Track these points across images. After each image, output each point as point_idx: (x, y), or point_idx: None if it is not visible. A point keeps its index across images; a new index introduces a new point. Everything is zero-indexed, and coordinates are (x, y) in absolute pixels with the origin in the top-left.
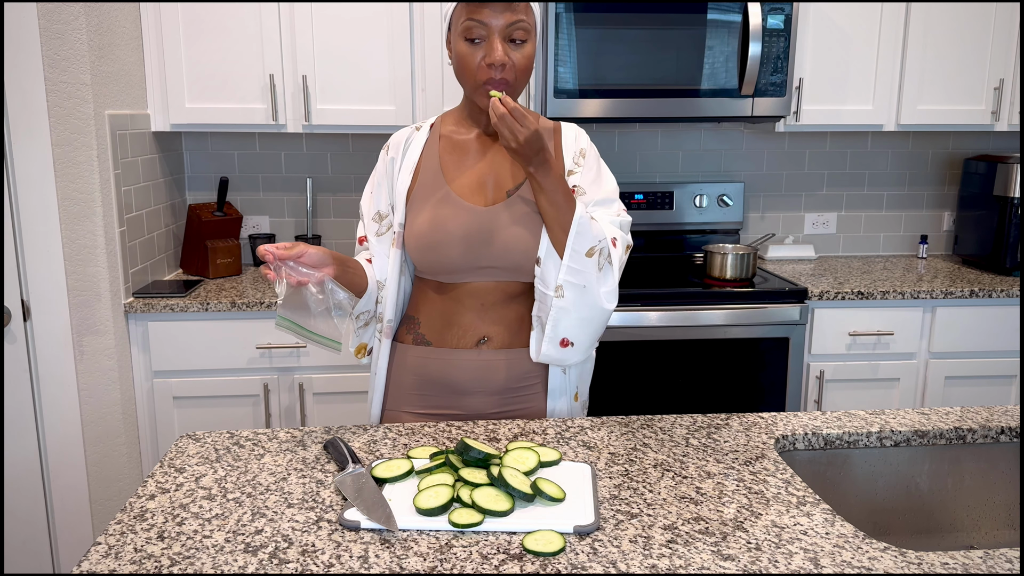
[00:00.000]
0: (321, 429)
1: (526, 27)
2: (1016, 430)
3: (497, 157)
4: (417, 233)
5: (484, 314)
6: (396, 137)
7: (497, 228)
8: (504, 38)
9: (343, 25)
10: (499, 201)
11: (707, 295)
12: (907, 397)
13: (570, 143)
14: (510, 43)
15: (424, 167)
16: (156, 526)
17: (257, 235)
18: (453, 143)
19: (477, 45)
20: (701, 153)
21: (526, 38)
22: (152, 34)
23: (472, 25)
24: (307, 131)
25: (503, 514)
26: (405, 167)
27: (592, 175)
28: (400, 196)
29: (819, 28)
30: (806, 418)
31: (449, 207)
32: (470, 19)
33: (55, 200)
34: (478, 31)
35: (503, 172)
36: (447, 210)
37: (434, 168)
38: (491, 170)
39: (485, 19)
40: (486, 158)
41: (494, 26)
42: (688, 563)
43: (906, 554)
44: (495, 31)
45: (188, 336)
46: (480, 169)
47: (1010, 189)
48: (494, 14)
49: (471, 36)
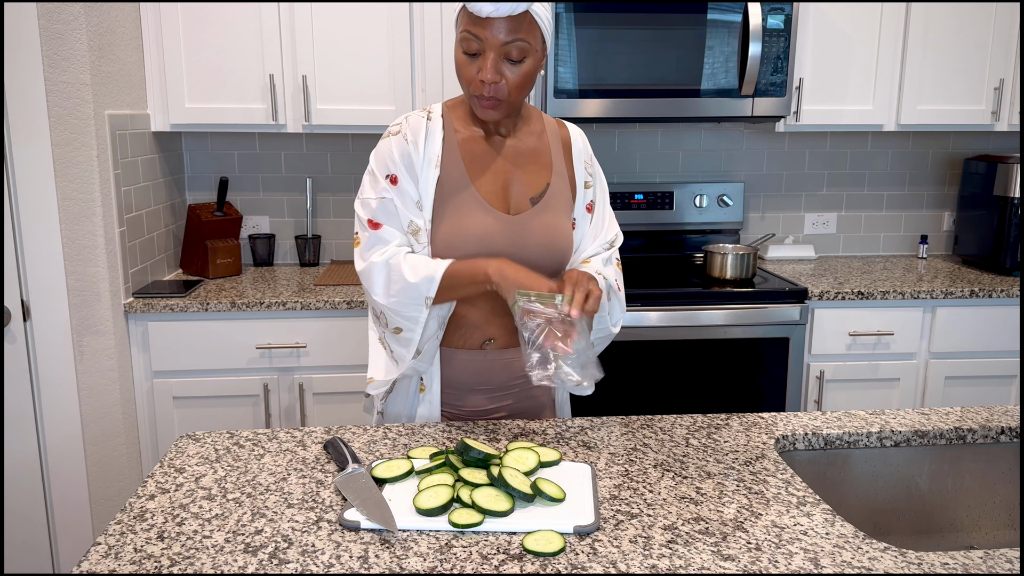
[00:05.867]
0: (321, 429)
1: (524, 47)
2: (1016, 430)
3: (517, 160)
4: (443, 237)
5: (491, 316)
6: (412, 124)
7: (525, 238)
8: (501, 55)
9: (343, 25)
10: (524, 209)
11: (707, 295)
12: (907, 397)
13: (580, 150)
14: (506, 61)
15: (447, 164)
16: (156, 526)
17: (257, 235)
18: (469, 140)
19: (474, 58)
20: (701, 153)
21: (523, 57)
22: (152, 34)
23: (468, 38)
24: (307, 131)
25: (503, 514)
26: (428, 159)
27: (602, 186)
28: (428, 192)
29: (819, 28)
30: (806, 418)
31: (477, 212)
32: (467, 31)
33: (55, 200)
34: (475, 45)
35: (525, 178)
36: (476, 215)
37: (458, 167)
38: (512, 175)
39: (483, 34)
40: (506, 161)
41: (491, 42)
42: (688, 563)
43: (906, 554)
44: (491, 47)
45: (188, 336)
46: (502, 173)
47: (1010, 189)
48: (493, 30)
49: (468, 50)
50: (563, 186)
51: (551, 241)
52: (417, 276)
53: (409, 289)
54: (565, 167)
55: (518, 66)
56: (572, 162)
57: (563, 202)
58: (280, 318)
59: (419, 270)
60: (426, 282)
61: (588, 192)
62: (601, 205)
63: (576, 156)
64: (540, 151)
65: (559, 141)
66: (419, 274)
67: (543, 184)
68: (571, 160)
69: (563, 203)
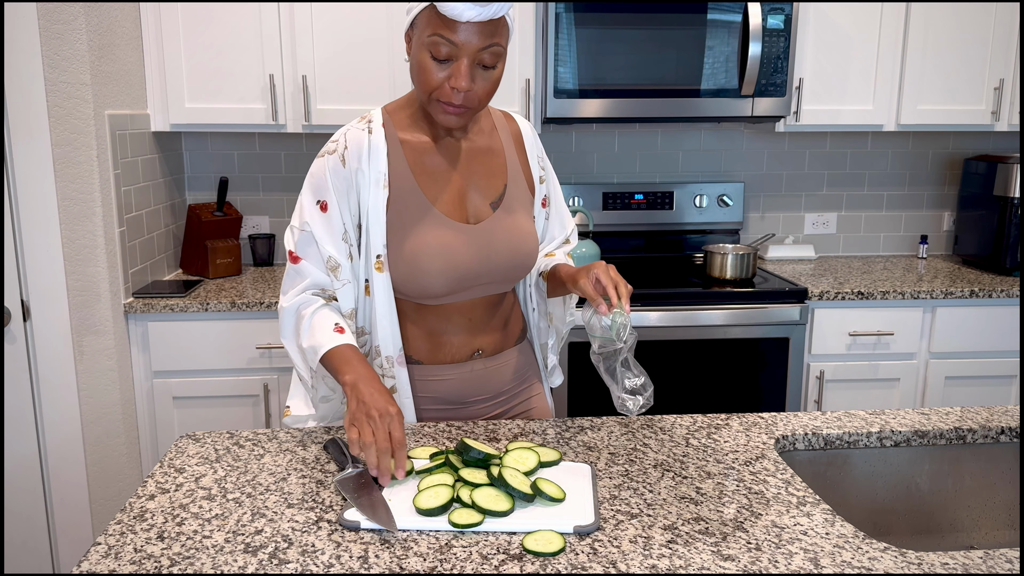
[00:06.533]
0: (321, 429)
1: (498, 51)
2: (1016, 430)
3: (471, 164)
4: (404, 258)
5: (473, 328)
6: (352, 141)
7: (490, 247)
8: (474, 62)
9: (343, 25)
10: (485, 216)
11: (707, 295)
12: (907, 397)
13: (531, 143)
14: (479, 67)
15: (395, 180)
16: (156, 526)
17: (257, 235)
18: (417, 150)
19: (443, 64)
20: (701, 153)
21: (496, 62)
22: (152, 34)
23: (439, 42)
24: (307, 131)
25: (503, 514)
26: (373, 179)
27: (553, 178)
28: (377, 214)
29: (819, 28)
30: (806, 418)
31: (437, 228)
32: (438, 35)
33: (55, 200)
34: (445, 50)
35: (481, 182)
36: (436, 232)
37: (408, 181)
38: (468, 181)
39: (457, 39)
40: (459, 167)
41: (466, 48)
42: (688, 563)
43: (906, 554)
44: (466, 53)
45: (188, 336)
46: (457, 181)
47: (1010, 189)
48: (468, 35)
49: (437, 55)
50: (520, 185)
51: (517, 246)
52: (308, 342)
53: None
54: (520, 164)
55: (489, 72)
56: (526, 157)
57: (523, 202)
58: None
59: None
60: (311, 352)
61: (542, 187)
62: (555, 198)
63: (529, 150)
64: (493, 150)
65: (510, 136)
66: (310, 340)
67: (500, 186)
68: (524, 155)
69: (523, 203)
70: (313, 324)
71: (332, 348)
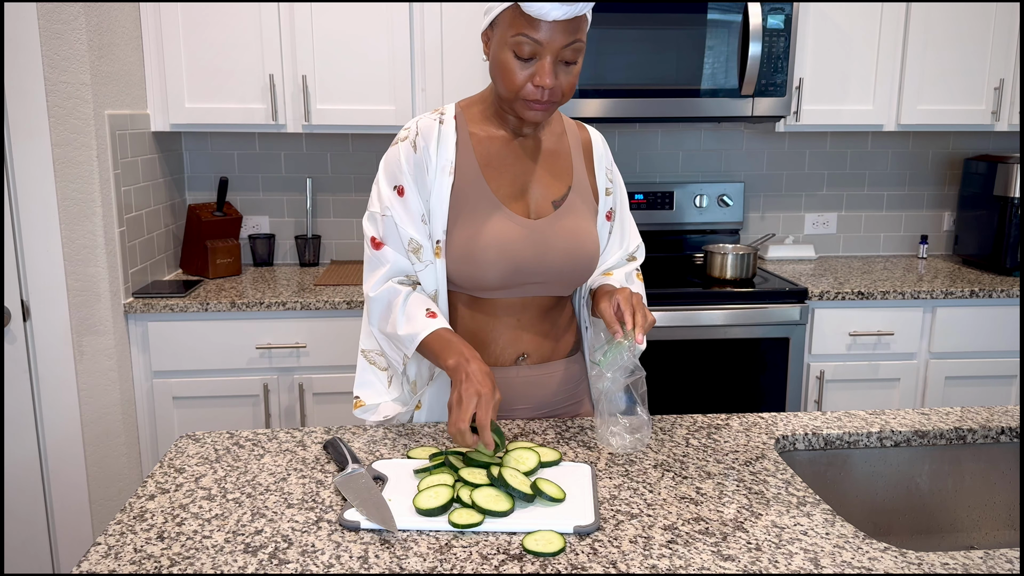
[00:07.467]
0: (321, 429)
1: (580, 47)
2: (1016, 430)
3: (537, 164)
4: (461, 245)
5: (521, 330)
6: (424, 128)
7: (548, 244)
8: (557, 59)
9: (343, 25)
10: (546, 213)
11: (707, 295)
12: (907, 397)
13: (601, 155)
14: (561, 63)
15: (461, 168)
16: (156, 526)
17: (257, 235)
18: (485, 144)
19: (527, 62)
20: (701, 153)
21: (577, 58)
22: (152, 34)
23: (523, 42)
24: (307, 131)
25: (503, 514)
26: (441, 165)
27: (621, 193)
28: (441, 200)
29: (819, 28)
30: (806, 418)
31: (497, 218)
32: (523, 34)
33: (55, 200)
34: (529, 49)
35: (545, 180)
36: (494, 221)
37: (474, 171)
38: (532, 178)
39: (541, 38)
40: (524, 164)
41: (550, 46)
42: (688, 563)
43: (906, 554)
44: (550, 51)
45: (188, 336)
46: (521, 176)
47: (1010, 189)
48: (552, 33)
49: (521, 54)
50: (585, 191)
51: (577, 247)
52: (404, 330)
53: (395, 338)
54: (586, 171)
55: (571, 67)
56: (593, 167)
57: (586, 207)
58: (280, 318)
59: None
60: (409, 339)
61: (608, 199)
62: (621, 213)
63: (597, 161)
64: (560, 153)
65: (579, 144)
66: (407, 328)
67: (564, 188)
68: (592, 165)
69: (586, 208)
70: (408, 312)
71: (430, 333)
